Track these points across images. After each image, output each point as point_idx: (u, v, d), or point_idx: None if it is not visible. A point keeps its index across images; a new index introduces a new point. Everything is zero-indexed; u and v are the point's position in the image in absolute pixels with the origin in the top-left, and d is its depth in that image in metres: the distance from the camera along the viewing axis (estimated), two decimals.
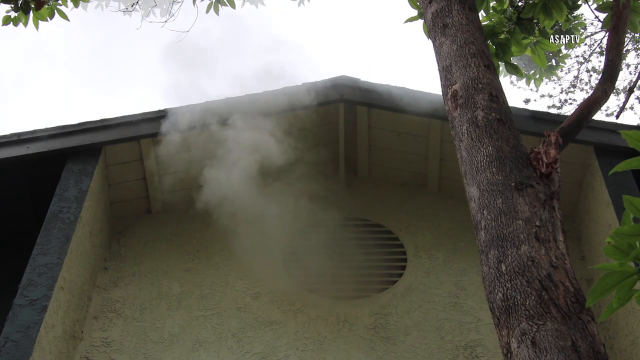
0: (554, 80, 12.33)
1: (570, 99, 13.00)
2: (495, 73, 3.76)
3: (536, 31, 5.50)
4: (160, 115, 5.97)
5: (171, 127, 5.91)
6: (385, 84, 6.20)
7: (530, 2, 5.31)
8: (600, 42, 11.95)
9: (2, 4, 5.72)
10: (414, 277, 5.84)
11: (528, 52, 5.63)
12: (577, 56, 12.78)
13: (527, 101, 13.07)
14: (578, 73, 12.80)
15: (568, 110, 12.88)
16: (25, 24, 5.80)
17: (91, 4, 6.56)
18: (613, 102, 13.46)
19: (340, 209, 6.28)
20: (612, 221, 5.27)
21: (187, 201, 6.14)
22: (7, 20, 5.76)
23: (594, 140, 5.72)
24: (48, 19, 5.85)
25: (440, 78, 3.87)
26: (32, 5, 5.73)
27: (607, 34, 4.42)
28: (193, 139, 6.03)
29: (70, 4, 6.03)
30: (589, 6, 5.71)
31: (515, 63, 5.44)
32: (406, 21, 5.46)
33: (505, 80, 16.05)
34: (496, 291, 2.79)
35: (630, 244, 1.92)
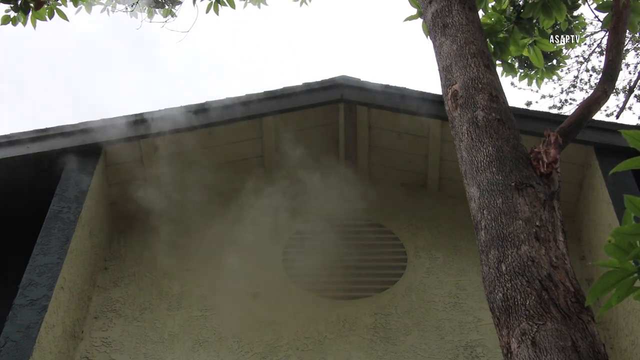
0: (554, 80, 12.32)
1: (570, 99, 13.00)
2: (495, 73, 3.76)
3: (536, 31, 5.50)
4: (160, 116, 5.97)
5: (171, 127, 5.91)
6: (385, 84, 6.20)
7: (530, 1, 5.31)
8: (600, 42, 11.95)
9: (1, 4, 5.72)
10: (414, 277, 5.84)
11: (525, 52, 5.63)
12: (577, 56, 12.78)
13: (528, 104, 13.06)
14: (578, 73, 12.80)
15: (568, 110, 12.88)
16: (24, 24, 5.80)
17: (96, 7, 6.58)
18: (613, 102, 13.46)
19: (340, 208, 6.27)
20: (612, 221, 5.27)
21: (187, 201, 6.14)
22: (6, 20, 5.76)
23: (594, 140, 5.72)
24: (47, 18, 5.85)
25: (440, 78, 3.87)
26: (32, 5, 5.72)
27: (607, 33, 4.42)
28: (192, 139, 6.03)
29: (70, 4, 6.03)
30: (589, 6, 5.71)
31: (515, 63, 5.45)
32: (406, 19, 5.47)
33: (506, 81, 16.04)
34: (496, 291, 2.79)
35: (630, 243, 1.92)
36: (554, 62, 6.09)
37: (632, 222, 1.95)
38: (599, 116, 11.15)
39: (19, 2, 5.70)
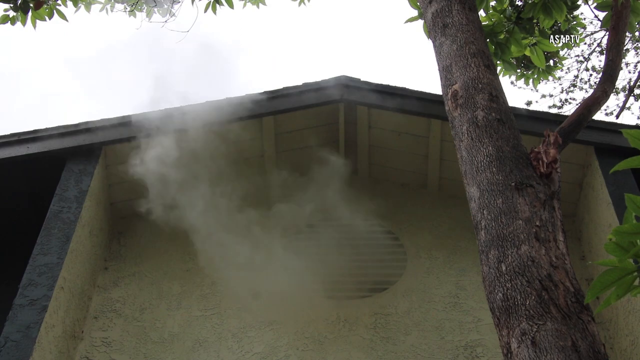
0: (553, 80, 12.32)
1: (570, 98, 13.00)
2: (495, 73, 3.77)
3: (536, 31, 5.51)
4: (160, 116, 5.96)
5: (171, 127, 5.91)
6: (385, 84, 6.20)
7: (530, 1, 5.32)
8: (600, 41, 11.95)
9: (0, 3, 5.72)
10: (414, 277, 5.84)
11: (527, 52, 5.63)
12: (577, 55, 12.78)
13: (528, 103, 13.07)
14: (578, 72, 12.80)
15: (568, 109, 12.89)
16: (24, 24, 5.80)
17: (95, 7, 6.58)
18: (613, 102, 13.46)
19: (340, 208, 6.27)
20: (612, 221, 5.27)
21: (187, 201, 6.13)
22: (4, 19, 5.76)
23: (594, 140, 5.72)
24: (47, 18, 5.85)
25: (441, 78, 3.87)
26: (31, 5, 5.72)
27: (607, 33, 4.43)
28: (192, 140, 6.03)
29: (70, 4, 6.03)
30: (589, 5, 5.72)
31: (512, 62, 5.46)
32: (406, 21, 5.48)
33: (505, 80, 16.04)
34: (496, 291, 2.79)
35: (631, 242, 1.93)
36: (551, 63, 6.09)
37: (632, 221, 1.95)
38: (599, 116, 11.17)
39: (19, 1, 5.70)
